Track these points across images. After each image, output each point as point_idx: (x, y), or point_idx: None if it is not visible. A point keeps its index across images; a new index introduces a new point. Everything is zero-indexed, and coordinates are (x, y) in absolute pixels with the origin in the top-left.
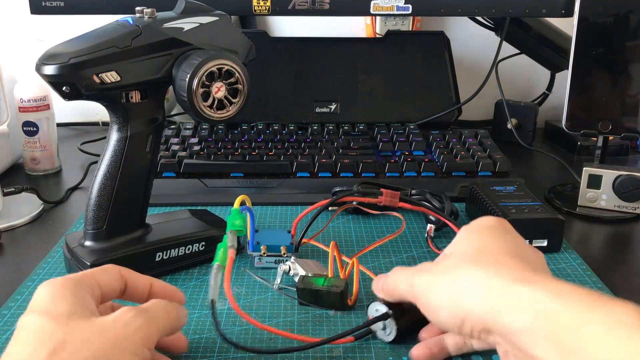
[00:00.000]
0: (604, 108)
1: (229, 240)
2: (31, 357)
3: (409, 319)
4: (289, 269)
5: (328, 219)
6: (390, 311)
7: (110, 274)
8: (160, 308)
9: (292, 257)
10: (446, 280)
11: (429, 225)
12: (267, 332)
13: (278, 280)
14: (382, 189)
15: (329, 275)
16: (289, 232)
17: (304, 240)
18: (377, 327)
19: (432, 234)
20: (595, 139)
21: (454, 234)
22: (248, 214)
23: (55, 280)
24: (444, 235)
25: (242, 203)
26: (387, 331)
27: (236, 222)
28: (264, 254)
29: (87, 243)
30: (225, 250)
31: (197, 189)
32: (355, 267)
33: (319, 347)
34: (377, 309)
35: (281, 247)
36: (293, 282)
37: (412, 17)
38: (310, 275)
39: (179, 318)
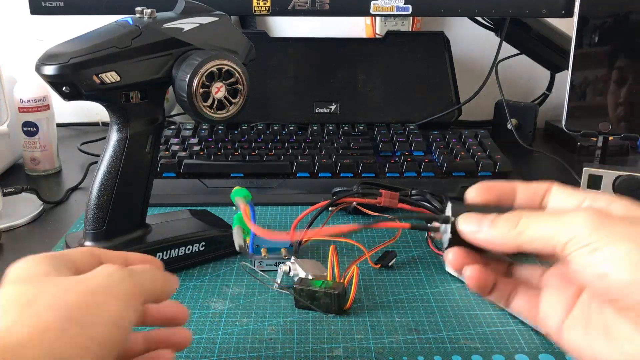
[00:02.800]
0: (604, 108)
1: (240, 201)
2: (2, 318)
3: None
4: (289, 270)
5: (328, 218)
6: (452, 218)
7: (83, 253)
8: (145, 270)
9: (292, 258)
10: None
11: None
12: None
13: (278, 280)
14: (381, 190)
15: (328, 278)
16: (289, 233)
17: (303, 239)
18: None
19: (432, 235)
20: (595, 139)
21: None
22: (250, 212)
23: (27, 257)
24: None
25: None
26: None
27: (243, 194)
28: (265, 256)
29: (87, 243)
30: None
31: (197, 189)
32: (355, 275)
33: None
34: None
35: (281, 249)
36: (293, 282)
37: (412, 17)
38: (310, 276)
39: (167, 281)
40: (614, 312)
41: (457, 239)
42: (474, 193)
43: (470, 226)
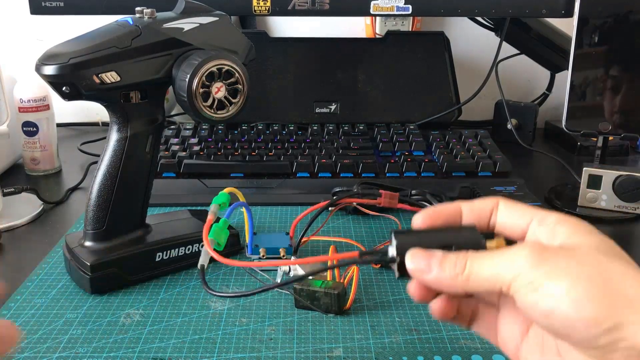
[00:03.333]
0: (604, 108)
1: (210, 210)
2: None
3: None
4: (289, 269)
5: (327, 218)
6: (398, 258)
7: None
8: None
9: (292, 258)
10: (591, 271)
11: None
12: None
13: (278, 280)
14: (381, 190)
15: (328, 278)
16: (287, 234)
17: (303, 239)
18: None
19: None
20: (595, 139)
21: None
22: (246, 213)
23: None
24: None
25: (232, 195)
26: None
27: (221, 200)
28: (263, 256)
29: (87, 243)
30: (217, 227)
31: (197, 189)
32: (355, 275)
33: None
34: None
35: (280, 250)
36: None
37: (412, 17)
38: (309, 277)
39: None
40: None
41: (407, 273)
42: (420, 220)
43: (418, 265)
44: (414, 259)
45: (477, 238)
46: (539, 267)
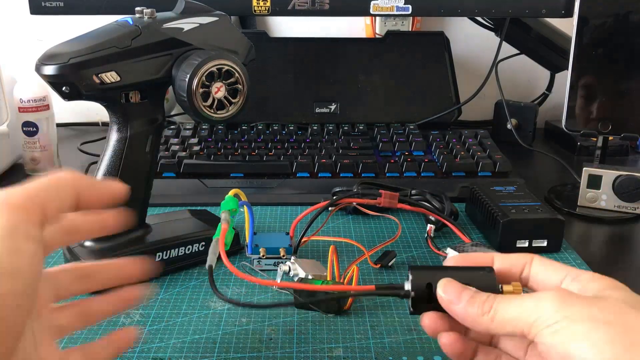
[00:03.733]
0: (604, 108)
1: (223, 218)
2: None
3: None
4: (289, 270)
5: (327, 218)
6: (412, 293)
7: (60, 195)
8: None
9: (292, 258)
10: (613, 318)
11: (428, 225)
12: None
13: (278, 280)
14: (381, 190)
15: (328, 278)
16: (288, 234)
17: (303, 239)
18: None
19: (432, 234)
20: (595, 139)
21: (454, 234)
22: (247, 212)
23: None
24: (443, 236)
25: (237, 196)
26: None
27: (230, 206)
28: (263, 256)
29: (87, 243)
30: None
31: (197, 189)
32: (355, 274)
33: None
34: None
35: (280, 249)
36: (291, 279)
37: (412, 17)
38: (309, 277)
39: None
40: None
41: (419, 307)
42: (453, 263)
43: (449, 294)
44: (447, 288)
45: (492, 280)
46: (561, 311)
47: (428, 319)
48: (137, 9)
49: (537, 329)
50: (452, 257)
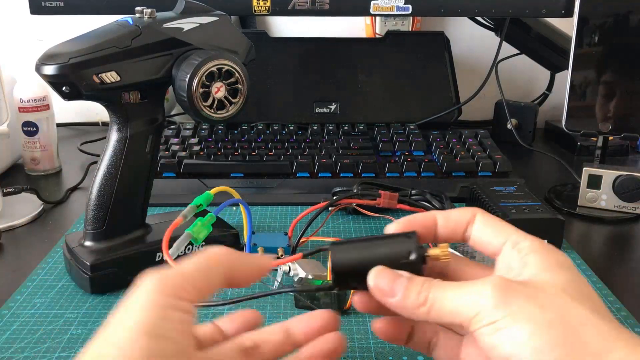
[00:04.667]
0: (604, 108)
1: (182, 212)
2: None
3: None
4: (289, 270)
5: (326, 218)
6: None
7: (211, 274)
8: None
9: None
10: (555, 318)
11: None
12: None
13: (279, 279)
14: (380, 191)
15: (328, 278)
16: (286, 234)
17: (302, 239)
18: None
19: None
20: (595, 139)
21: None
22: (244, 211)
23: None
24: None
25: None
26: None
27: (198, 201)
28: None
29: (87, 243)
30: (200, 221)
31: (197, 189)
32: None
33: None
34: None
35: (278, 249)
36: (293, 282)
37: (412, 17)
38: (309, 277)
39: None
40: None
41: (344, 286)
42: (392, 230)
43: (382, 286)
44: (378, 279)
45: (413, 246)
46: (501, 308)
47: (358, 298)
48: (137, 9)
49: (477, 325)
50: (393, 223)
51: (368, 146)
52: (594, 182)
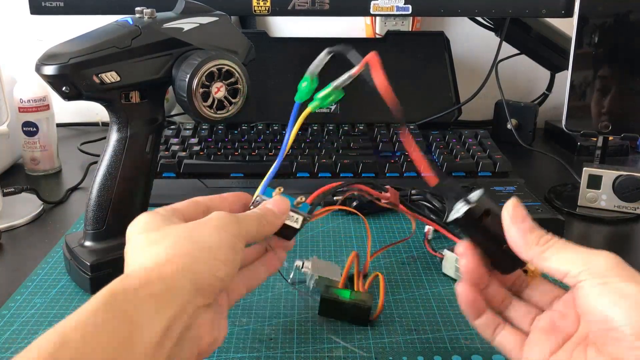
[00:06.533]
0: (604, 108)
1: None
2: (140, 254)
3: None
4: (302, 265)
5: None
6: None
7: (189, 204)
8: (248, 217)
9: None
10: None
11: (427, 227)
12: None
13: (292, 275)
14: (387, 187)
15: (341, 277)
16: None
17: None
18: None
19: (429, 237)
20: (595, 139)
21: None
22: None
23: (140, 215)
24: (444, 236)
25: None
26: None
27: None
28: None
29: (87, 243)
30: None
31: (197, 189)
32: (380, 282)
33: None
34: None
35: (300, 196)
36: (304, 276)
37: (412, 17)
38: (317, 276)
39: (266, 225)
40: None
41: (466, 224)
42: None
43: (516, 213)
44: (517, 208)
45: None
46: (614, 270)
47: (466, 261)
48: (137, 9)
49: (584, 276)
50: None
51: (368, 146)
52: (594, 182)
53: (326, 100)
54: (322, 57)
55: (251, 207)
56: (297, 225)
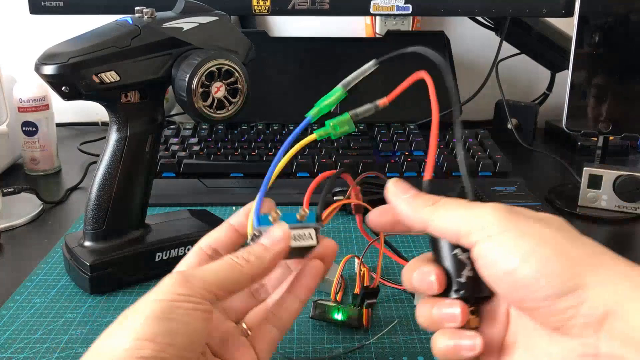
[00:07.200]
0: (604, 108)
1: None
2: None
3: None
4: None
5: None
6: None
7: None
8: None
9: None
10: (557, 235)
11: None
12: None
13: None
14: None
15: (335, 278)
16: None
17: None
18: None
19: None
20: (596, 139)
21: None
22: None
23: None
24: None
25: None
26: None
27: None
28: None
29: (87, 243)
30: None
31: (196, 189)
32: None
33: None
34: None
35: (300, 209)
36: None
37: (412, 17)
38: (325, 282)
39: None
40: (533, 325)
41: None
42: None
43: (397, 189)
44: (398, 182)
45: None
46: (506, 224)
47: (374, 214)
48: (137, 8)
49: (478, 237)
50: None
51: (368, 146)
52: (595, 182)
53: (337, 129)
54: (367, 68)
55: (250, 243)
56: (313, 242)
